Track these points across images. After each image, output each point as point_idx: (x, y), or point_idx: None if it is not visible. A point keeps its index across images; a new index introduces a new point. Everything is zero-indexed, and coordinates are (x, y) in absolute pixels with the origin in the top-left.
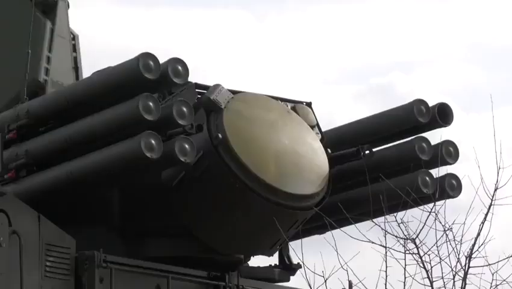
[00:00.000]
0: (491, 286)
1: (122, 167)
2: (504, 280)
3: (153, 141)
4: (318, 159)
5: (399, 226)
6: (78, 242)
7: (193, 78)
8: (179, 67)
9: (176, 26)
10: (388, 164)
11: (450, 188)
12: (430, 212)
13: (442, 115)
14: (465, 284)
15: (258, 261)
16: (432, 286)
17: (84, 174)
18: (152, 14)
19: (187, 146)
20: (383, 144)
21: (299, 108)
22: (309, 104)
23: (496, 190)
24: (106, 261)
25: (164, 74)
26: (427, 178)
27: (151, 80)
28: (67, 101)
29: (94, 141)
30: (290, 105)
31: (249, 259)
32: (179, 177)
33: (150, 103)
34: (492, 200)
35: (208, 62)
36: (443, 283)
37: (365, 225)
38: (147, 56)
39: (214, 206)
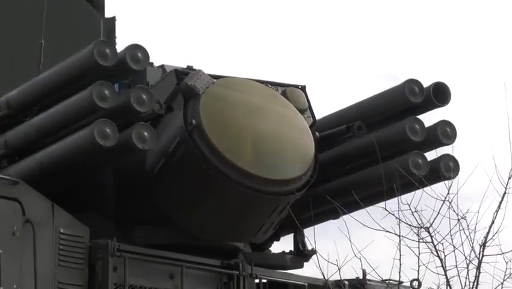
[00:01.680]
0: (505, 275)
1: (81, 155)
2: None
3: (107, 129)
4: (302, 142)
5: (413, 215)
6: None
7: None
8: (139, 54)
9: (208, 16)
10: (379, 146)
11: (445, 169)
12: (444, 201)
13: (439, 95)
14: (479, 273)
15: (273, 247)
16: (446, 274)
17: (52, 164)
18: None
19: (145, 133)
20: (379, 128)
21: (289, 91)
22: (303, 87)
23: (510, 178)
24: (119, 250)
25: (122, 61)
26: (419, 160)
27: (108, 67)
28: (41, 90)
29: (58, 131)
30: (280, 89)
31: (267, 248)
32: (160, 164)
33: (106, 91)
34: (506, 188)
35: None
36: (456, 271)
37: (378, 214)
38: (102, 44)
39: (190, 192)
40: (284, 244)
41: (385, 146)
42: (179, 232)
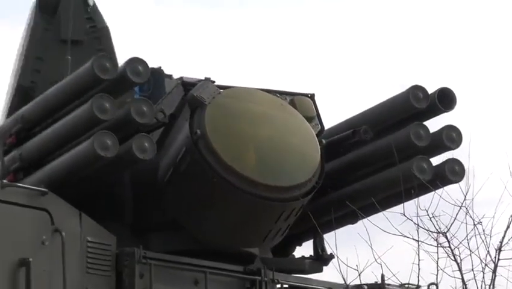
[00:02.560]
0: None
1: (84, 167)
2: None
3: (108, 141)
4: (307, 149)
5: (431, 220)
6: None
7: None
8: (139, 67)
9: (202, 27)
10: (383, 153)
11: (451, 173)
12: (460, 207)
13: (444, 100)
14: (495, 276)
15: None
16: (462, 278)
17: (60, 176)
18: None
19: (146, 144)
20: (387, 134)
21: (297, 100)
22: (312, 96)
23: None
24: (145, 257)
25: (123, 74)
26: (424, 164)
27: (108, 80)
28: (50, 105)
29: (65, 144)
30: (288, 98)
31: (291, 253)
32: (169, 173)
33: (106, 104)
34: None
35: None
36: (473, 275)
37: (397, 219)
38: (102, 58)
39: (197, 200)
40: (305, 249)
41: (391, 152)
42: (192, 238)
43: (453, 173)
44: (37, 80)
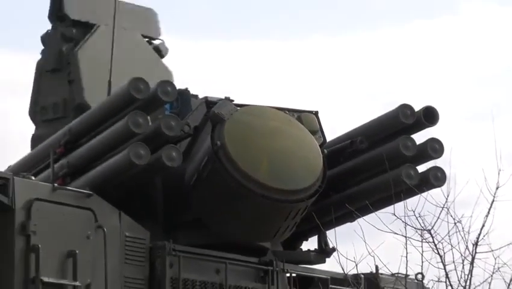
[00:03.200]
0: (494, 269)
1: (121, 173)
2: (505, 264)
3: (141, 150)
4: (311, 158)
5: (417, 219)
6: None
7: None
8: (168, 88)
9: (222, 57)
10: (377, 162)
11: (434, 179)
12: (442, 208)
13: (429, 116)
14: (473, 267)
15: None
16: (445, 269)
17: (101, 181)
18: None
19: (173, 153)
20: (379, 146)
21: (303, 116)
22: (316, 113)
23: (497, 188)
24: (175, 250)
25: (154, 94)
26: (411, 171)
27: (141, 99)
28: (93, 120)
29: (105, 154)
30: (296, 115)
31: (298, 247)
32: (194, 178)
33: (139, 119)
34: (494, 196)
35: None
36: (454, 266)
37: (388, 219)
38: (137, 81)
39: (217, 201)
40: (311, 244)
41: (383, 161)
42: (213, 234)
43: (436, 178)
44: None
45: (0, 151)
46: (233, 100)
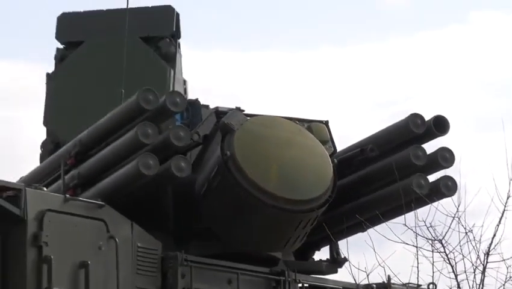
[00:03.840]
0: (506, 278)
1: (130, 183)
2: None
3: (150, 161)
4: (321, 167)
5: (428, 229)
6: None
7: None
8: (177, 99)
9: (232, 67)
10: (387, 171)
11: (445, 188)
12: (453, 217)
13: (439, 126)
14: (484, 276)
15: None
16: (456, 279)
17: (111, 191)
18: (213, 56)
19: (182, 164)
20: (390, 155)
21: (314, 126)
22: (326, 122)
23: (508, 198)
24: (186, 260)
25: (163, 105)
26: (421, 181)
27: (150, 110)
28: (103, 131)
29: (115, 164)
30: (306, 124)
31: (311, 256)
32: (204, 188)
33: (148, 130)
34: (505, 206)
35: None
36: (465, 276)
37: (399, 229)
38: (146, 91)
39: (227, 211)
40: (322, 254)
41: (392, 171)
42: (223, 244)
43: (447, 188)
44: None
45: (12, 161)
46: (243, 110)
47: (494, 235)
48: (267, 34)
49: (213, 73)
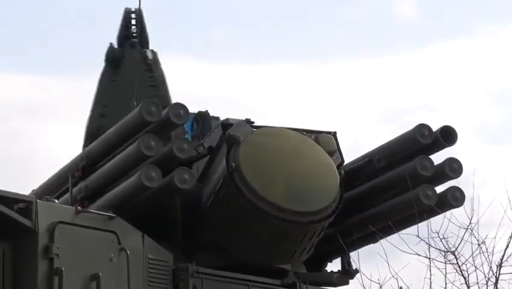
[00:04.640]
0: None
1: (134, 195)
2: None
3: (152, 173)
4: (328, 179)
5: (441, 241)
6: None
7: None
8: (181, 111)
9: (245, 80)
10: (395, 182)
11: (453, 199)
12: (466, 229)
13: (446, 136)
14: (497, 288)
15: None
16: None
17: (116, 203)
18: (221, 69)
19: (185, 176)
20: (398, 166)
21: (321, 137)
22: (334, 133)
23: None
24: (198, 272)
25: (167, 117)
26: (429, 192)
27: (154, 122)
28: (108, 144)
29: (121, 176)
30: (313, 136)
31: (323, 268)
32: (210, 200)
33: (151, 142)
34: None
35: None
36: (478, 288)
37: (412, 240)
38: (149, 104)
39: (233, 223)
40: (334, 265)
41: (398, 182)
42: (230, 256)
43: (455, 199)
44: (104, 124)
45: (26, 175)
46: (253, 122)
47: (507, 247)
48: (277, 46)
49: (224, 85)
